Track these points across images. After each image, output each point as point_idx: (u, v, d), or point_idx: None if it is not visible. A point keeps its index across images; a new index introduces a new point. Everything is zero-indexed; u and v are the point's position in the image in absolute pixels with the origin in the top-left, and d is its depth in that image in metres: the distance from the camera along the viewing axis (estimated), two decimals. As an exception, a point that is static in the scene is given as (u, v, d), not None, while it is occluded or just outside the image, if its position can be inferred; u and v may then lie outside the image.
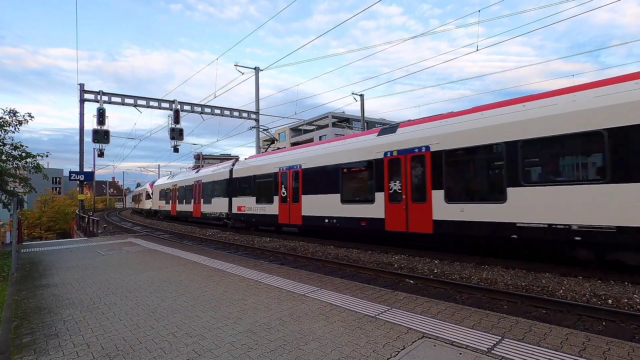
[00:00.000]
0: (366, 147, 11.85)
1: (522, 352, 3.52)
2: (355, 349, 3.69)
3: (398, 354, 3.55)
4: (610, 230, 6.75)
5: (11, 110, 12.98)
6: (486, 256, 9.28)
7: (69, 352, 3.85)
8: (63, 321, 4.85)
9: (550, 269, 7.88)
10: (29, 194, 18.77)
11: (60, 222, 53.24)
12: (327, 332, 4.17)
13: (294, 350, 3.71)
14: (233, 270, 7.93)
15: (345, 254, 11.01)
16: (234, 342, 3.96)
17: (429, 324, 4.35)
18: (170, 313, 5.04)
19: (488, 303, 6.28)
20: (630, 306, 5.72)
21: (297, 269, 8.34)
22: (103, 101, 19.32)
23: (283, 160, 15.78)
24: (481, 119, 8.98)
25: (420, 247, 10.94)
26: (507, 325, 4.23)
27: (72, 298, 6.03)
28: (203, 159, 63.66)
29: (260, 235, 16.72)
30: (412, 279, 7.91)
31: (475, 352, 3.54)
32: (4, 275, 8.65)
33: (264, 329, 4.31)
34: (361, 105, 27.64)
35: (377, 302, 5.26)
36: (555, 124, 7.59)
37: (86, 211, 24.89)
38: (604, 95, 7.07)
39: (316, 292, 5.93)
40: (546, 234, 7.59)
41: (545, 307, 5.89)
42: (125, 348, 3.90)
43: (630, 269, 7.26)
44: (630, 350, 3.49)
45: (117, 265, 8.98)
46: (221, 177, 21.07)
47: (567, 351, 3.52)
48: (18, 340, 4.24)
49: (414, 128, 10.67)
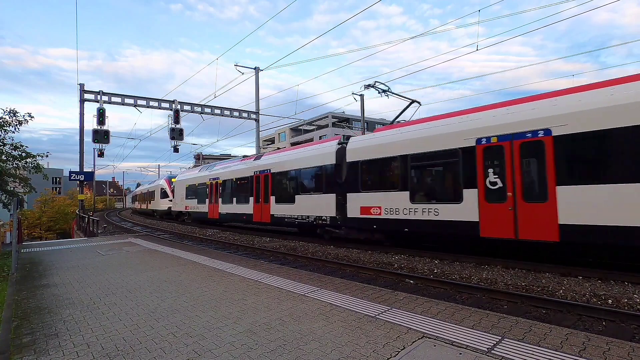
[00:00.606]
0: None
1: (522, 352, 3.52)
2: (355, 349, 3.69)
3: (398, 354, 3.55)
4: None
5: (11, 110, 13.00)
6: (486, 256, 9.28)
7: (69, 352, 3.85)
8: (63, 321, 4.85)
9: (550, 269, 7.88)
10: (29, 194, 18.78)
11: (60, 222, 53.25)
12: (327, 332, 4.17)
13: (294, 350, 3.71)
14: (233, 270, 7.93)
15: (345, 254, 11.01)
16: (234, 342, 3.96)
17: (429, 324, 4.35)
18: (170, 313, 5.04)
19: (488, 303, 6.28)
20: (630, 306, 5.72)
21: (297, 269, 8.34)
22: (103, 101, 19.32)
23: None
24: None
25: (420, 247, 10.92)
26: (507, 325, 4.23)
27: (72, 298, 6.03)
28: (203, 159, 63.64)
29: (260, 235, 16.71)
30: (412, 279, 7.90)
31: (475, 352, 3.54)
32: (4, 275, 8.65)
33: (264, 329, 4.31)
34: (361, 105, 27.61)
35: (377, 302, 5.26)
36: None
37: (86, 211, 24.90)
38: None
39: (316, 292, 5.93)
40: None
41: (545, 307, 5.88)
42: (125, 348, 3.90)
43: (630, 269, 7.26)
44: (630, 350, 3.49)
45: (117, 265, 8.98)
46: (318, 163, 13.85)
47: (567, 351, 3.52)
48: (18, 340, 4.24)
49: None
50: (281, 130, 68.96)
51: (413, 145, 10.33)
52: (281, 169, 15.87)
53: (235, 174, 19.83)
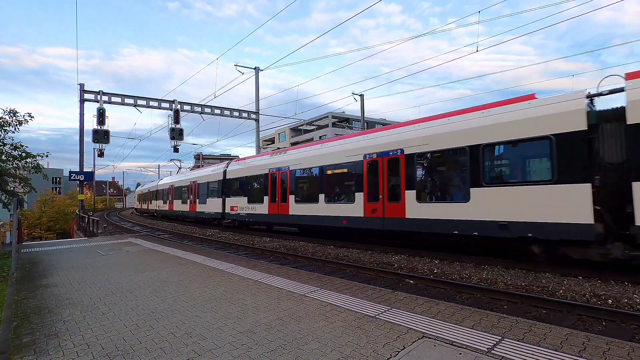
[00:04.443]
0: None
1: (522, 352, 3.52)
2: (356, 349, 3.69)
3: (398, 354, 3.55)
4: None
5: (11, 110, 12.99)
6: (486, 256, 9.28)
7: (69, 352, 3.85)
8: (63, 321, 4.85)
9: (550, 269, 7.88)
10: (29, 194, 18.76)
11: (60, 222, 53.21)
12: (327, 332, 4.17)
13: (294, 350, 3.71)
14: (233, 270, 7.93)
15: (345, 254, 11.01)
16: (234, 342, 3.96)
17: (429, 324, 4.35)
18: (170, 313, 5.04)
19: (488, 303, 6.28)
20: (630, 306, 5.72)
21: (297, 269, 8.34)
22: (103, 101, 19.32)
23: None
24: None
25: (420, 247, 10.92)
26: (507, 325, 4.23)
27: (72, 298, 6.03)
28: (203, 159, 63.63)
29: (260, 235, 16.72)
30: (412, 279, 7.90)
31: (475, 352, 3.54)
32: (4, 275, 8.65)
33: (264, 329, 4.31)
34: (361, 105, 27.65)
35: (377, 302, 5.26)
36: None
37: (86, 211, 24.89)
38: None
39: (316, 292, 5.93)
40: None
41: (545, 307, 5.89)
42: (125, 348, 3.90)
43: (630, 269, 7.25)
44: (630, 350, 3.49)
45: (117, 265, 8.97)
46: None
47: (567, 351, 3.52)
48: (18, 340, 4.24)
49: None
50: (281, 130, 68.98)
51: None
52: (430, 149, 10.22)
53: (325, 159, 13.55)
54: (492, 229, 8.51)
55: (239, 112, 24.68)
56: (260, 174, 17.49)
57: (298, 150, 16.10)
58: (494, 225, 8.47)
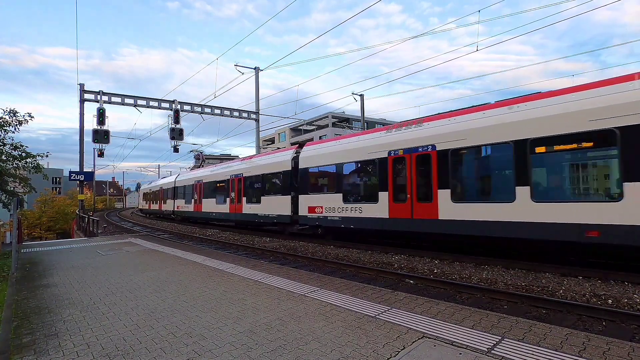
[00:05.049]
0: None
1: (522, 352, 3.52)
2: (356, 349, 3.69)
3: (398, 354, 3.55)
4: None
5: (11, 110, 12.98)
6: (486, 256, 9.27)
7: (69, 352, 3.85)
8: (63, 321, 4.85)
9: (550, 269, 7.88)
10: (29, 194, 18.76)
11: (60, 222, 53.21)
12: (327, 332, 4.17)
13: (294, 350, 3.71)
14: (233, 270, 7.93)
15: (345, 254, 11.01)
16: (234, 342, 3.96)
17: (429, 324, 4.35)
18: (170, 313, 5.04)
19: (488, 303, 6.28)
20: (630, 306, 5.72)
21: (297, 269, 8.34)
22: (103, 101, 19.33)
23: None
24: None
25: (421, 247, 10.92)
26: (507, 325, 4.23)
27: (72, 298, 6.03)
28: (204, 159, 63.53)
29: (260, 235, 16.72)
30: (412, 279, 7.90)
31: (475, 352, 3.54)
32: (4, 275, 8.65)
33: (264, 329, 4.31)
34: (361, 105, 27.64)
35: (377, 302, 5.26)
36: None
37: (86, 211, 24.90)
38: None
39: (316, 292, 5.93)
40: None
41: (545, 307, 5.88)
42: (125, 348, 3.90)
43: (630, 269, 7.25)
44: (630, 350, 3.49)
45: (117, 265, 8.98)
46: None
47: (567, 351, 3.52)
48: (18, 340, 4.24)
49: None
50: (281, 130, 68.93)
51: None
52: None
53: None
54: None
55: (239, 112, 24.68)
56: (372, 159, 11.64)
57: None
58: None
